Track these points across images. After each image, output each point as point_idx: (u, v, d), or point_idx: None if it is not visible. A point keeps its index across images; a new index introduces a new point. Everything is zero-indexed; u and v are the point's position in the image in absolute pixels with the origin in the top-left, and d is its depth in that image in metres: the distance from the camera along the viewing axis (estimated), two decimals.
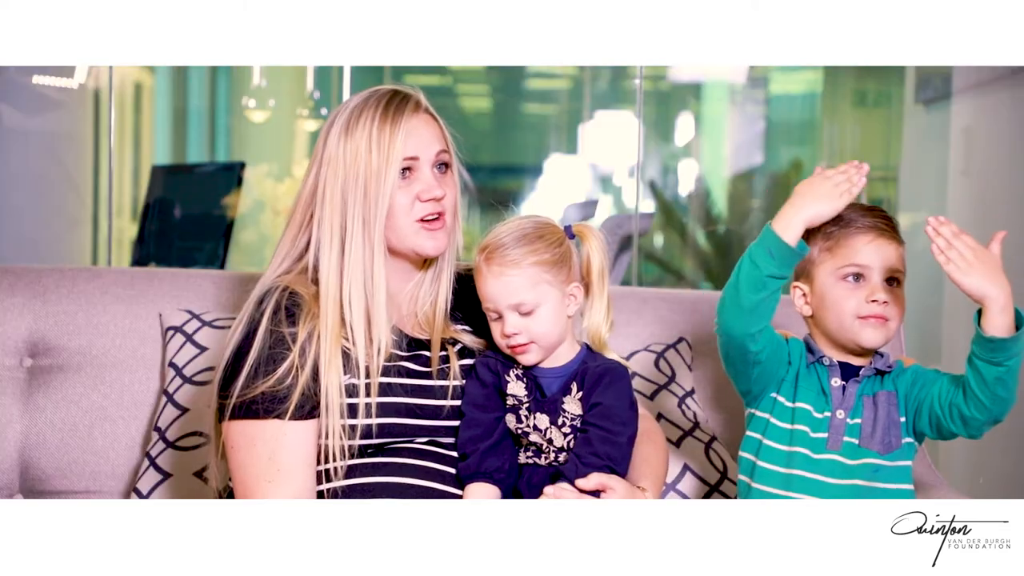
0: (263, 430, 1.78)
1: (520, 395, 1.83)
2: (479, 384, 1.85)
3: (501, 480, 1.80)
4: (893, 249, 1.79)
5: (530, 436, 1.82)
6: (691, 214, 5.88)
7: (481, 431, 1.83)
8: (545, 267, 1.78)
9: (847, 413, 1.78)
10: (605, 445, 1.76)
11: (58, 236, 4.96)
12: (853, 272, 1.78)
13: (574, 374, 1.82)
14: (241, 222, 4.98)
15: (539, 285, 1.78)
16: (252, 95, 5.85)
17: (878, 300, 1.76)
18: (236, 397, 1.78)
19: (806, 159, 5.85)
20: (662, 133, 6.19)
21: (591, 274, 1.83)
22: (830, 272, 1.80)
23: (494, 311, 1.81)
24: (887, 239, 1.79)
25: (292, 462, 1.77)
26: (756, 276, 1.71)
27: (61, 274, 2.27)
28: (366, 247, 1.83)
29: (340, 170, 1.84)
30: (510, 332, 1.79)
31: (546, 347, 1.81)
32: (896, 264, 1.79)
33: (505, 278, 1.78)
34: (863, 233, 1.78)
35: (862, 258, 1.78)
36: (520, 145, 7.01)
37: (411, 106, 1.87)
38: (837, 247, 1.79)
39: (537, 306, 1.78)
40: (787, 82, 6.11)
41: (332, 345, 1.80)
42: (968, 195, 3.98)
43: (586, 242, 1.84)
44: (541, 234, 1.80)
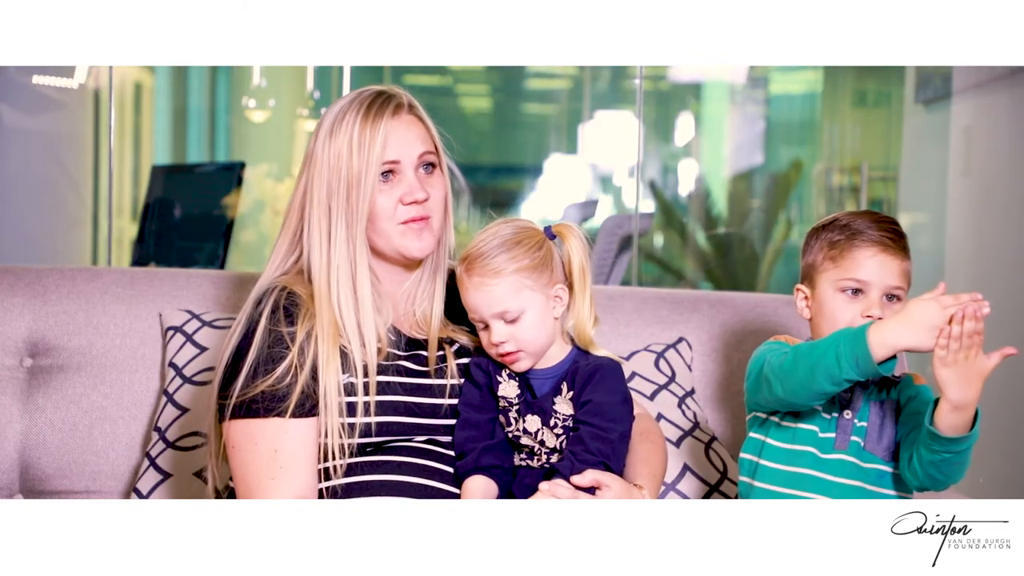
0: (264, 428, 1.78)
1: (510, 396, 1.83)
2: (473, 386, 1.86)
3: (499, 476, 1.80)
4: (896, 265, 1.77)
5: (521, 439, 1.82)
6: (691, 214, 5.88)
7: (479, 432, 1.83)
8: (526, 273, 1.78)
9: (855, 414, 1.78)
10: (597, 442, 1.75)
11: (58, 236, 4.96)
12: (852, 286, 1.78)
13: (565, 374, 1.81)
14: (241, 222, 4.98)
15: (521, 292, 1.78)
16: (252, 95, 5.85)
17: (872, 316, 1.75)
18: (236, 397, 1.79)
19: (806, 159, 5.85)
20: (662, 133, 6.19)
21: (572, 273, 1.83)
22: (831, 282, 1.79)
23: (480, 321, 1.81)
24: (891, 255, 1.77)
25: (294, 459, 1.78)
26: (835, 374, 1.66)
27: (61, 274, 2.27)
28: (349, 249, 1.84)
29: (325, 172, 1.85)
30: (497, 341, 1.79)
31: (535, 352, 1.81)
32: (897, 281, 1.77)
33: (487, 288, 1.78)
34: (868, 247, 1.77)
35: (863, 273, 1.77)
36: (520, 145, 7.01)
37: (392, 108, 1.86)
38: (840, 258, 1.78)
39: (522, 313, 1.78)
40: (787, 82, 6.11)
41: (329, 345, 1.80)
42: (968, 195, 3.98)
43: (566, 241, 1.83)
44: (519, 239, 1.79)
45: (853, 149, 5.56)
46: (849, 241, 1.78)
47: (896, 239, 1.79)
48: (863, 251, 1.77)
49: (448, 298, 1.96)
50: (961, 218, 4.04)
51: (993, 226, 3.75)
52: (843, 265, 1.78)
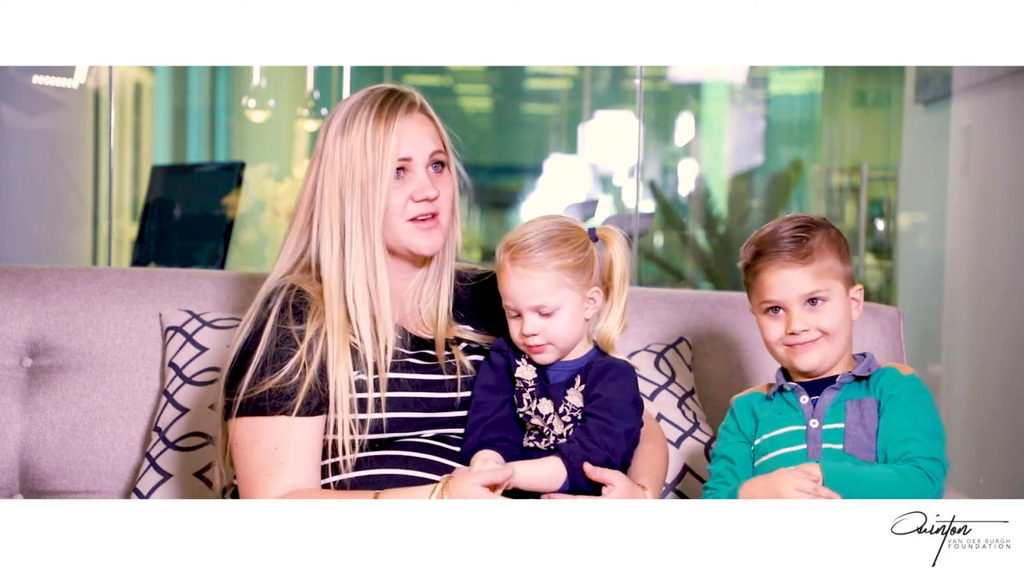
0: (269, 426, 1.78)
1: (527, 378, 1.85)
2: (491, 368, 1.88)
3: (505, 450, 1.83)
4: (801, 274, 1.78)
5: (532, 420, 1.84)
6: (691, 214, 5.88)
7: (488, 413, 1.85)
8: (568, 271, 1.79)
9: (821, 421, 1.78)
10: (602, 435, 1.77)
11: (58, 236, 4.96)
12: (770, 307, 1.81)
13: (580, 369, 1.84)
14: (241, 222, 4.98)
15: (561, 289, 1.80)
16: (252, 95, 5.84)
17: (796, 331, 1.78)
18: (243, 394, 1.79)
19: (806, 159, 5.85)
20: (662, 133, 6.18)
21: (612, 278, 1.84)
22: (755, 305, 1.84)
23: (514, 310, 1.82)
24: (793, 267, 1.78)
25: (295, 457, 1.78)
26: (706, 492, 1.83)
27: (61, 274, 2.27)
28: (367, 246, 1.85)
29: (337, 169, 1.85)
30: (528, 332, 1.81)
31: (562, 348, 1.83)
32: (812, 287, 1.78)
33: (528, 280, 1.79)
34: (768, 266, 1.79)
35: (772, 294, 1.79)
36: (520, 145, 7.01)
37: (405, 106, 1.87)
38: (754, 282, 1.82)
39: (557, 309, 1.80)
40: (787, 82, 6.11)
41: (340, 341, 1.81)
42: (968, 195, 3.98)
43: (609, 246, 1.84)
44: (566, 237, 1.81)
45: (853, 149, 5.56)
46: (754, 263, 1.82)
47: (797, 246, 1.78)
48: (765, 271, 1.80)
49: (455, 298, 1.97)
50: (961, 218, 4.04)
51: (993, 226, 3.75)
52: (756, 288, 1.82)
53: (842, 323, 1.79)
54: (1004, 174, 3.69)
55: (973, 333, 3.87)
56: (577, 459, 1.76)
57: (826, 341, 1.79)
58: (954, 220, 4.11)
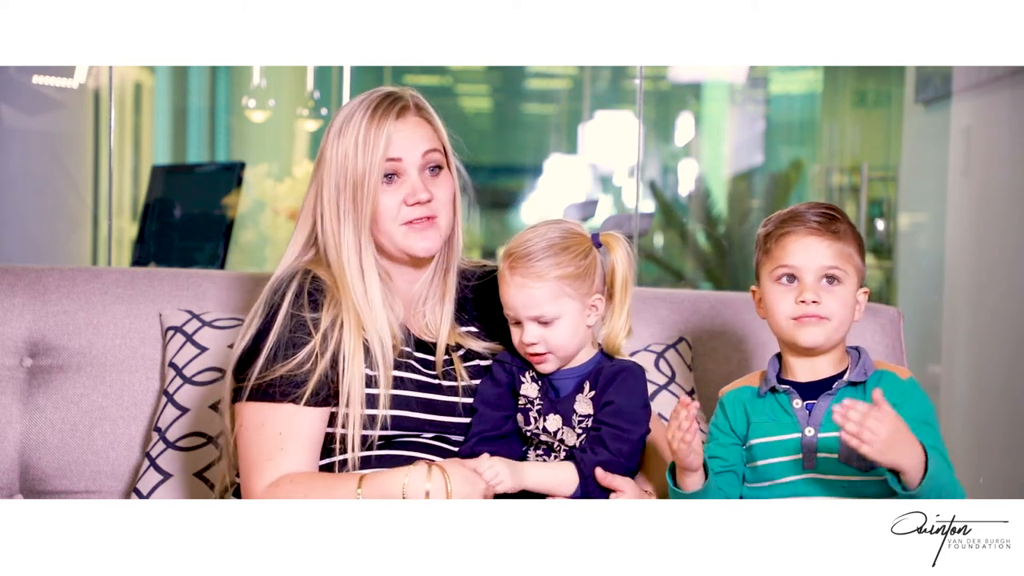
0: (276, 412, 1.79)
1: (532, 396, 1.84)
2: (493, 384, 1.87)
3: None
4: (826, 247, 1.77)
5: (540, 437, 1.84)
6: (691, 214, 5.88)
7: (487, 427, 1.85)
8: (568, 280, 1.78)
9: (816, 429, 1.76)
10: (617, 442, 1.77)
11: (58, 236, 4.96)
12: (785, 273, 1.79)
13: (587, 375, 1.83)
14: (241, 222, 4.98)
15: (561, 298, 1.79)
16: (252, 95, 5.84)
17: (806, 300, 1.76)
18: (254, 380, 1.80)
19: (806, 159, 5.85)
20: (662, 133, 6.18)
21: (615, 284, 1.83)
22: (768, 274, 1.81)
23: (514, 319, 1.81)
24: (820, 237, 1.77)
25: (296, 445, 1.79)
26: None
27: (61, 274, 2.27)
28: (357, 248, 1.86)
29: (333, 172, 1.87)
30: (529, 341, 1.80)
31: (563, 357, 1.82)
32: (832, 262, 1.77)
33: (528, 290, 1.78)
34: (794, 233, 1.78)
35: (791, 259, 1.77)
36: (520, 145, 7.01)
37: (398, 110, 1.87)
38: (775, 247, 1.80)
39: (557, 318, 1.79)
40: (787, 82, 6.11)
41: (356, 335, 1.81)
42: (968, 195, 3.98)
43: (612, 252, 1.83)
44: (567, 245, 1.79)
45: (853, 149, 5.56)
46: (778, 230, 1.80)
47: (827, 221, 1.78)
48: (789, 237, 1.78)
49: (459, 298, 1.97)
50: (961, 218, 4.04)
51: (993, 226, 3.75)
52: (774, 255, 1.79)
53: (847, 314, 1.78)
54: (1004, 174, 3.68)
55: (973, 333, 3.87)
56: (590, 468, 1.76)
57: (832, 321, 1.77)
58: (954, 220, 4.10)
